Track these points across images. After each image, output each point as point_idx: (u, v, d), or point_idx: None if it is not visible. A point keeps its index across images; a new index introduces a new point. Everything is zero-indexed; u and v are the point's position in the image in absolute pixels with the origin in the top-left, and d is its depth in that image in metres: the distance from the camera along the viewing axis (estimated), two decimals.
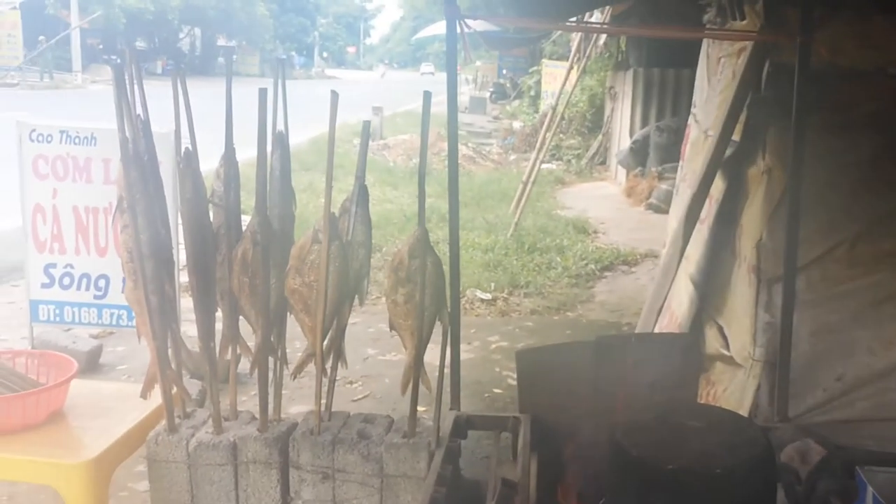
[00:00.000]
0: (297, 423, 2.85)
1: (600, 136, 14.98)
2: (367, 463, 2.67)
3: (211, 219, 2.83)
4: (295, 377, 2.84)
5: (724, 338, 3.86)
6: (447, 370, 2.91)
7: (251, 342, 2.83)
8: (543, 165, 11.34)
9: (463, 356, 5.33)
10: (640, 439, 1.61)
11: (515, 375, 3.12)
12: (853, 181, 3.30)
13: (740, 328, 3.62)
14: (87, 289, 4.37)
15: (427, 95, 2.75)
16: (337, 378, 4.92)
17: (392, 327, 2.72)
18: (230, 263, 2.72)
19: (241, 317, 2.81)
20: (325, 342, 2.79)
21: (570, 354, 2.98)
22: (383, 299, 6.92)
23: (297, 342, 3.50)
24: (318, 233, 2.59)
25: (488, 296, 6.69)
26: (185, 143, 2.77)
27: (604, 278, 7.56)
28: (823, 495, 2.52)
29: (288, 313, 2.82)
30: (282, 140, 2.87)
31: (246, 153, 2.93)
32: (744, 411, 3.34)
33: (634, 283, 7.31)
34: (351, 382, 4.94)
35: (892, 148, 3.23)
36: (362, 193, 2.83)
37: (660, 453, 1.56)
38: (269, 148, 2.81)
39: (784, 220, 3.18)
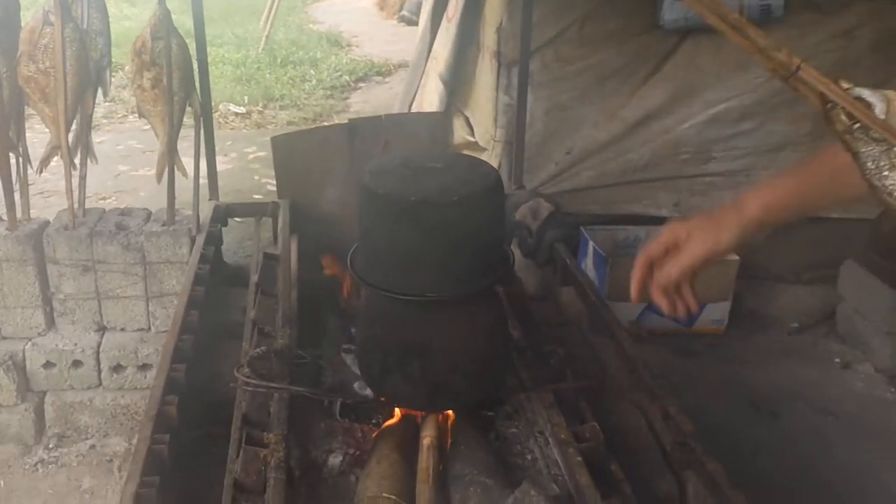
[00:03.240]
0: (49, 221, 2.78)
1: None
2: (127, 252, 2.68)
3: None
4: (41, 172, 2.74)
5: (471, 127, 4.08)
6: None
7: None
8: None
9: (221, 167, 5.25)
10: (385, 180, 1.75)
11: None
12: None
13: (483, 114, 3.83)
14: None
15: None
16: (89, 194, 4.77)
17: (141, 115, 2.66)
18: None
19: None
20: (71, 136, 2.69)
21: (325, 138, 3.06)
22: (130, 117, 6.58)
23: None
24: (49, 14, 2.44)
25: (242, 109, 6.58)
26: None
27: (358, 89, 7.64)
28: (550, 243, 2.86)
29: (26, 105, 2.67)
30: None
31: None
32: None
33: (388, 92, 7.44)
34: (104, 198, 4.80)
35: None
36: None
37: (403, 189, 1.71)
38: None
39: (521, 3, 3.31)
